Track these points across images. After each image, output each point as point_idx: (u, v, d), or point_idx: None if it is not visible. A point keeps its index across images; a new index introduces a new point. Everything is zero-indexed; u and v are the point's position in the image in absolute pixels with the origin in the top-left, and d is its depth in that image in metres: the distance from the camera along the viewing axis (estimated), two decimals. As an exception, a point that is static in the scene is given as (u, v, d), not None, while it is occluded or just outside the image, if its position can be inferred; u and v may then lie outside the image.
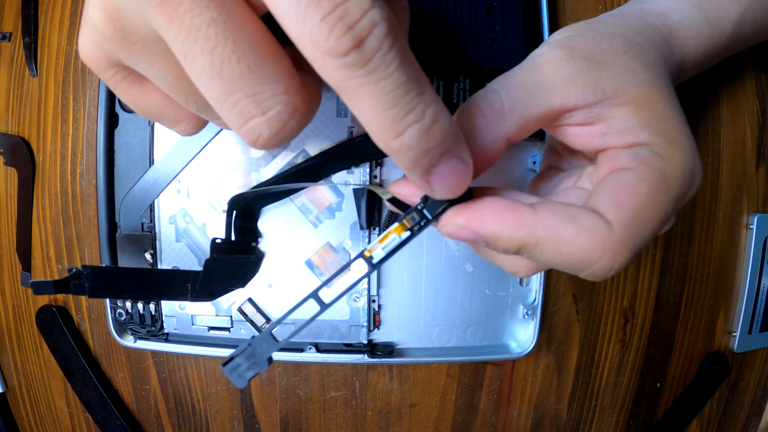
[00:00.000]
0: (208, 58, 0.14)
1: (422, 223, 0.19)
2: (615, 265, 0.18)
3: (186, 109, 0.19)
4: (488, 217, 0.18)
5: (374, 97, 0.14)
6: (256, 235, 0.35)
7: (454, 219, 0.19)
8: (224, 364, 0.19)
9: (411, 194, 0.21)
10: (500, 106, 0.19)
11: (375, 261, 0.20)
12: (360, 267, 0.20)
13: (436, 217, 0.19)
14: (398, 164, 0.16)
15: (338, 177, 0.35)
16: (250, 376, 0.19)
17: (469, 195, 0.19)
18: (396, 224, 0.20)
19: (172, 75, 0.17)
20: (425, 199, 0.20)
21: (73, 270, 0.25)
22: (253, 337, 0.19)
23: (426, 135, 0.15)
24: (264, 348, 0.19)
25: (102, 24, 0.16)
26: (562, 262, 0.18)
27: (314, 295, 0.20)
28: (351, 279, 0.20)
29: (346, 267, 0.20)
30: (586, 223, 0.18)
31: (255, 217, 0.35)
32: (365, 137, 0.31)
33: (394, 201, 0.21)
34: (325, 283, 0.20)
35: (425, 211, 0.19)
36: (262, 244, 0.35)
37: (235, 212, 0.32)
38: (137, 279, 0.28)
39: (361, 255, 0.20)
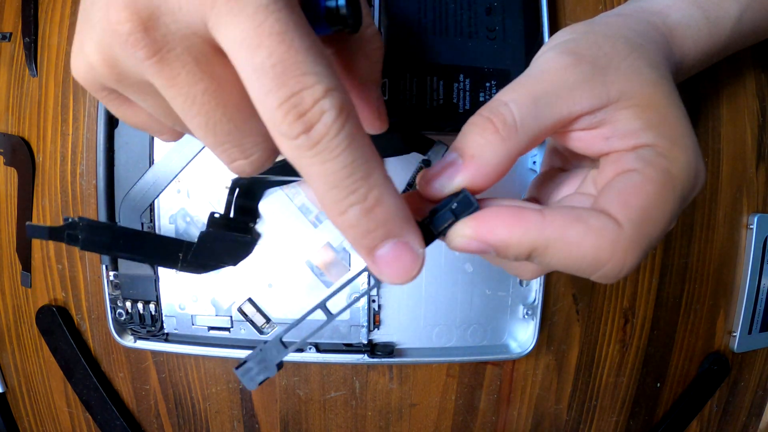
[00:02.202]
0: (203, 119, 0.17)
1: (428, 238, 0.19)
2: (626, 264, 0.18)
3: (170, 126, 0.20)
4: (496, 225, 0.18)
5: (321, 176, 0.15)
6: (254, 215, 0.34)
7: (463, 231, 0.19)
8: (237, 368, 0.20)
9: (418, 209, 0.21)
10: (512, 121, 0.19)
11: None
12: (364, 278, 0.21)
13: (443, 232, 0.19)
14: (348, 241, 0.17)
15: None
16: (261, 380, 0.20)
17: (475, 207, 0.19)
18: None
19: (162, 109, 0.18)
20: (431, 214, 0.19)
21: (69, 219, 0.25)
22: (265, 342, 0.20)
23: (367, 216, 0.16)
24: (274, 354, 0.20)
25: (99, 66, 0.17)
26: (572, 264, 0.18)
27: (322, 305, 0.20)
28: (358, 285, 0.20)
29: (353, 279, 0.21)
30: (595, 223, 0.18)
31: (257, 197, 0.34)
32: (377, 137, 0.31)
33: None
34: (332, 294, 0.21)
35: (431, 227, 0.19)
36: (260, 228, 0.35)
37: (237, 190, 0.32)
38: (131, 240, 0.28)
39: (367, 269, 0.20)
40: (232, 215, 0.32)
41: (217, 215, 0.30)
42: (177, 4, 0.15)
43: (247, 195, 0.33)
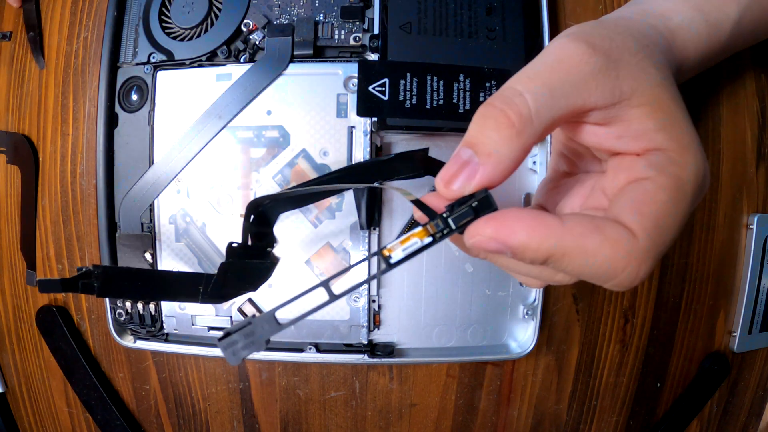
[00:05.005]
0: None
1: (445, 232, 0.19)
2: (640, 274, 0.18)
3: None
4: (517, 228, 0.18)
5: None
6: (271, 240, 0.34)
7: (483, 230, 0.19)
8: (221, 339, 0.19)
9: (438, 205, 0.21)
10: (527, 112, 0.19)
11: (393, 261, 0.19)
12: (373, 264, 0.20)
13: (462, 227, 0.19)
14: None
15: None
16: (245, 355, 0.19)
17: (495, 208, 0.19)
18: (419, 228, 0.19)
19: None
20: (451, 208, 0.19)
21: (83, 269, 0.24)
22: (255, 315, 0.19)
23: None
24: (265, 328, 0.19)
25: None
26: (588, 273, 0.18)
27: (325, 284, 0.20)
28: (363, 275, 0.20)
29: (363, 261, 0.21)
30: (612, 233, 0.18)
31: (271, 222, 0.34)
32: (395, 157, 0.30)
33: (418, 204, 0.21)
34: (339, 274, 0.20)
35: (450, 221, 0.19)
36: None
37: (252, 217, 0.32)
38: (148, 280, 0.27)
39: (379, 252, 0.19)
40: (249, 243, 0.32)
41: (235, 245, 0.30)
42: None
43: (261, 221, 0.33)
